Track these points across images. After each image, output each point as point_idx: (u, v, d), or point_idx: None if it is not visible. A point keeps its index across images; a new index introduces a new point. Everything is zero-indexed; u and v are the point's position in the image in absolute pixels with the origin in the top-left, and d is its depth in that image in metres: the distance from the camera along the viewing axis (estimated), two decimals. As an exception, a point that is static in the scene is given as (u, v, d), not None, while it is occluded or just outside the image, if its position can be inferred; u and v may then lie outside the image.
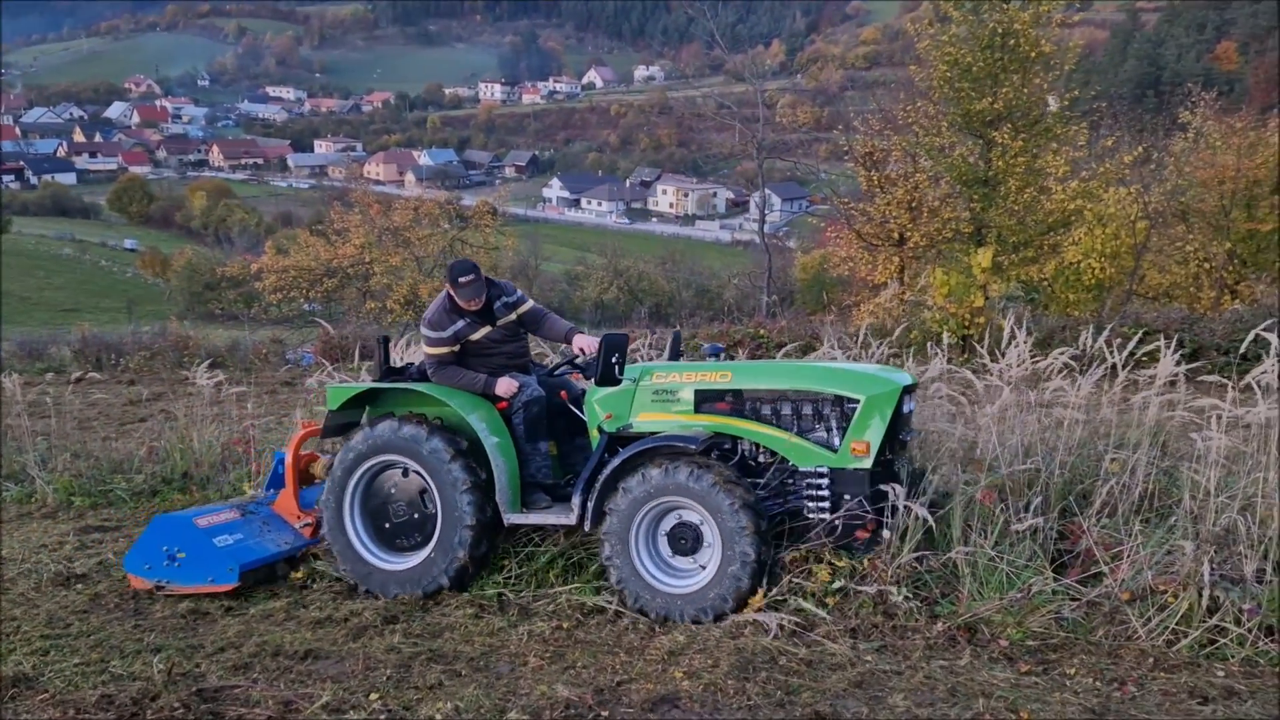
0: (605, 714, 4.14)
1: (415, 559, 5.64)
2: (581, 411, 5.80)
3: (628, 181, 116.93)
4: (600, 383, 5.41)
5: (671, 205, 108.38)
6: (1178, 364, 6.02)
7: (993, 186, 16.15)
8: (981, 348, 8.09)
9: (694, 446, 5.15)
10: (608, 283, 47.56)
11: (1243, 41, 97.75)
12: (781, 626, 4.86)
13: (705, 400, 5.45)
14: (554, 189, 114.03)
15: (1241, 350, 5.76)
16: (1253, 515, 4.81)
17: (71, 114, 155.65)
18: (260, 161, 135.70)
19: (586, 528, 5.37)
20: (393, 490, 5.75)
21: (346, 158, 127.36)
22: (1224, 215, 21.02)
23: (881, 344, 8.11)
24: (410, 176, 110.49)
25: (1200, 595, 4.49)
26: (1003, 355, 6.36)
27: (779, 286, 34.21)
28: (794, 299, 34.04)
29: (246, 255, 38.46)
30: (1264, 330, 5.63)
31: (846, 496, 5.13)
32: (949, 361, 7.35)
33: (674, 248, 59.91)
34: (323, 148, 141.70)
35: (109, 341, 19.35)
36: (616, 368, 5.39)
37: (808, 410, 5.34)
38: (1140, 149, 19.23)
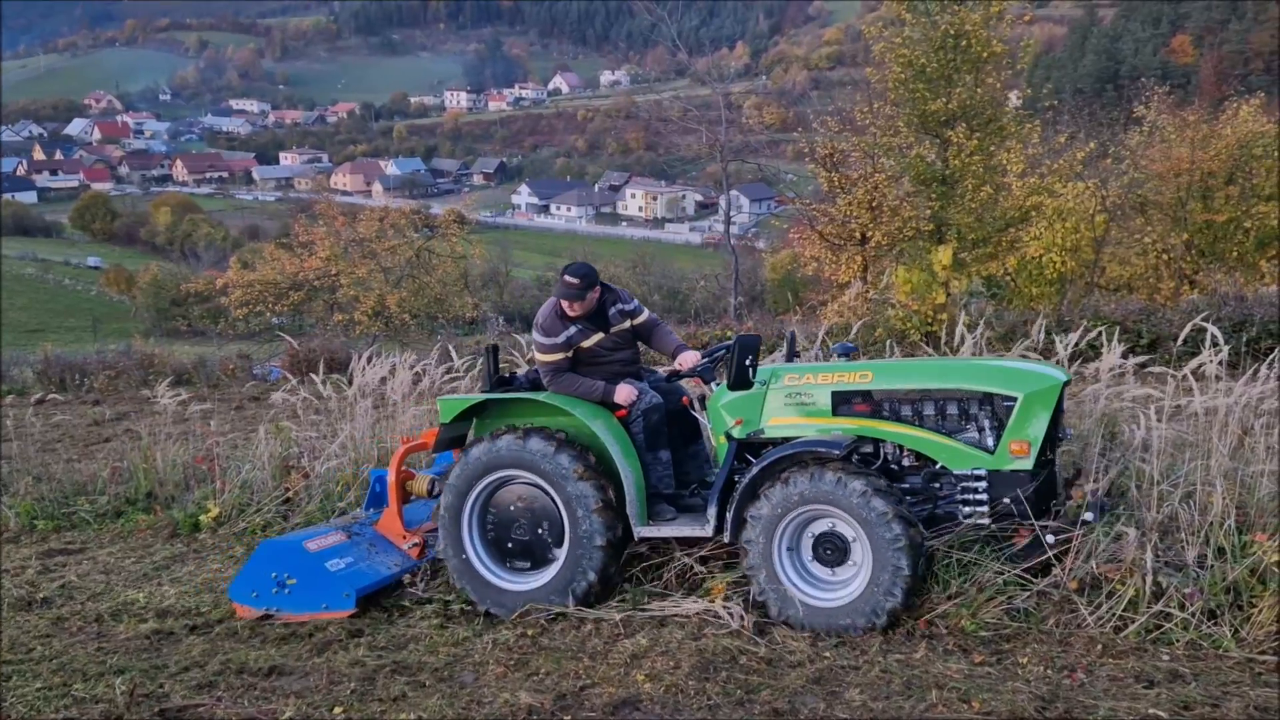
0: (567, 719, 4.19)
1: (539, 579, 5.42)
2: (705, 417, 5.59)
3: (596, 186, 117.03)
4: (734, 386, 5.15)
5: (641, 209, 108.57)
6: (1124, 355, 6.17)
7: (951, 185, 16.37)
8: (945, 344, 8.24)
9: (837, 452, 4.88)
10: (579, 288, 47.48)
11: (1197, 35, 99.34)
12: (743, 626, 4.93)
13: (842, 402, 5.19)
14: (523, 195, 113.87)
15: (1181, 341, 5.87)
16: (1194, 503, 4.94)
17: (31, 132, 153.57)
18: (225, 175, 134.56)
19: (726, 538, 5.13)
20: (514, 506, 5.48)
21: (312, 169, 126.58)
22: (1181, 207, 21.37)
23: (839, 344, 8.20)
24: (378, 186, 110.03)
25: (1145, 582, 4.61)
26: (956, 351, 6.49)
27: (748, 287, 34.40)
28: (764, 300, 34.21)
29: (212, 270, 38.18)
30: (1201, 321, 5.77)
31: (1006, 500, 4.88)
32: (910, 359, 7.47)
33: (644, 251, 59.99)
34: (288, 160, 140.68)
35: (72, 361, 19.13)
36: (750, 370, 5.14)
37: (952, 410, 5.08)
38: (1093, 145, 19.54)
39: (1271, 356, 5.94)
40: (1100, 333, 6.84)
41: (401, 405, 7.97)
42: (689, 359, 5.62)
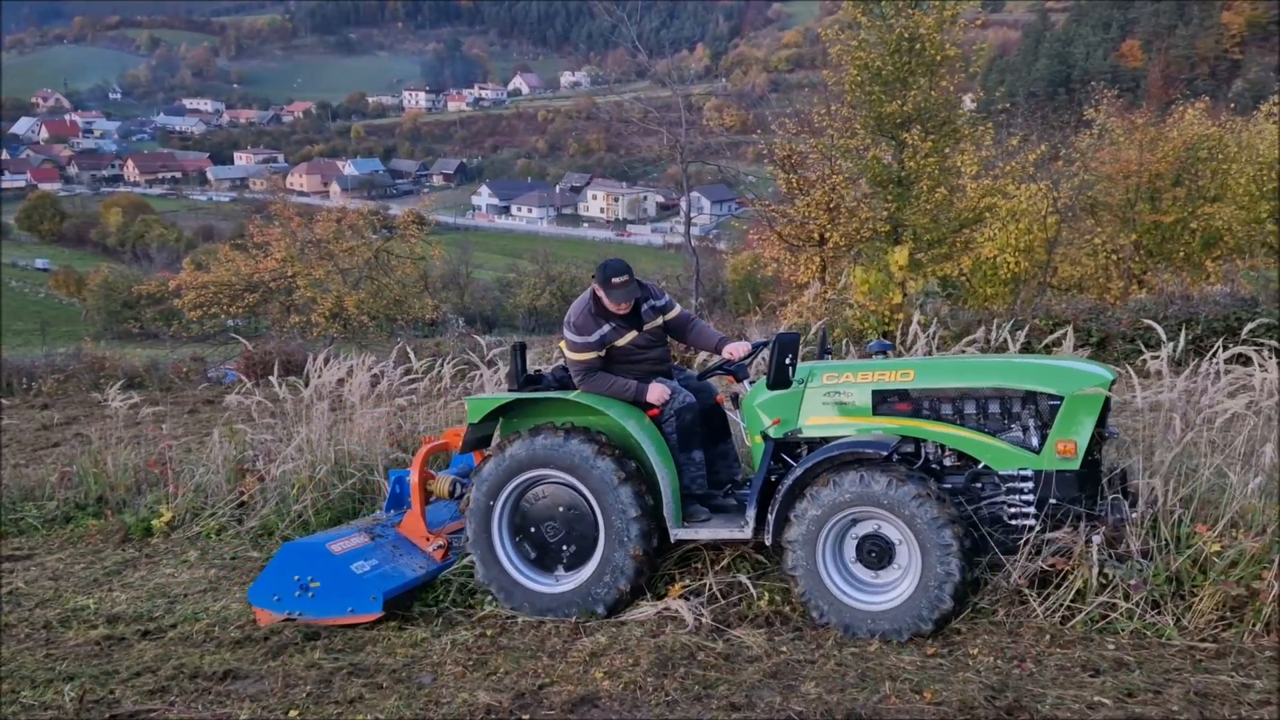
0: (525, 718, 4.20)
1: (571, 582, 5.31)
2: (739, 416, 5.49)
3: (557, 187, 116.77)
4: (773, 385, 5.04)
5: (602, 210, 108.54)
6: (1075, 349, 6.30)
7: (906, 186, 16.61)
8: (901, 343, 8.35)
9: (884, 453, 4.77)
10: (540, 289, 47.47)
11: (1146, 39, 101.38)
12: (700, 623, 4.98)
13: (882, 401, 5.10)
14: (483, 196, 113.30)
15: (1131, 338, 6.00)
16: (1139, 495, 5.06)
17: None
18: (178, 175, 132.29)
19: (767, 540, 5.04)
20: (546, 506, 5.36)
21: (268, 169, 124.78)
22: (1129, 208, 21.83)
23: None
24: (335, 187, 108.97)
25: (1092, 574, 4.71)
26: (909, 349, 6.59)
27: (709, 288, 34.54)
28: (725, 300, 34.36)
29: (165, 272, 37.54)
30: (1148, 320, 5.91)
31: (1052, 500, 4.81)
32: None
33: (606, 253, 60.00)
34: (243, 160, 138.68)
35: (20, 365, 18.72)
36: (790, 369, 5.03)
37: (995, 408, 4.99)
38: (1044, 147, 19.91)
39: (1213, 353, 6.09)
40: (1054, 327, 6.97)
41: (359, 408, 7.91)
42: (739, 349, 5.50)
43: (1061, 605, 4.73)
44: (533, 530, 5.39)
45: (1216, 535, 4.58)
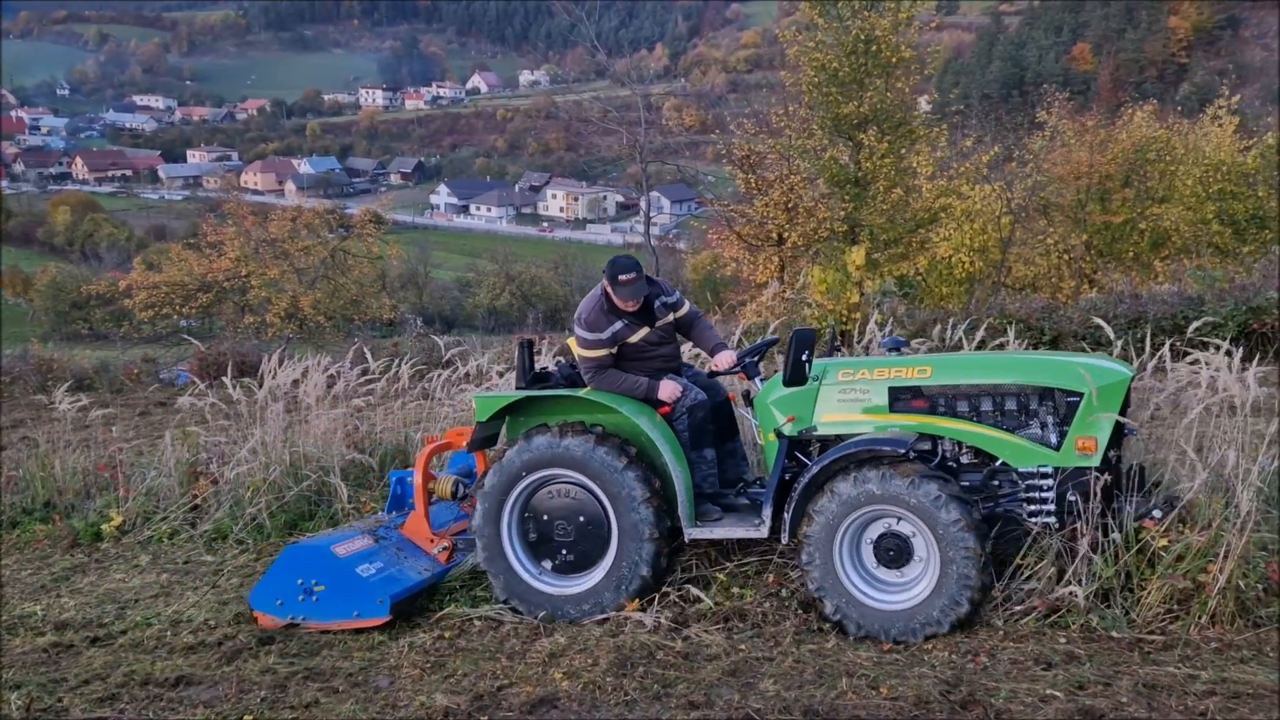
0: (484, 719, 4.18)
1: (589, 580, 5.24)
2: (751, 413, 5.45)
3: (517, 186, 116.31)
4: (789, 383, 4.97)
5: (562, 209, 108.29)
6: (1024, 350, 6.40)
7: (863, 187, 16.75)
8: (859, 342, 8.42)
9: (903, 450, 4.73)
10: (500, 289, 47.29)
11: (1096, 43, 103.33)
12: (659, 622, 4.98)
13: (899, 398, 5.03)
14: (442, 195, 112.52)
15: (1082, 336, 6.11)
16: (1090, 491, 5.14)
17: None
18: (129, 173, 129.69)
19: (784, 539, 4.99)
20: (555, 507, 5.30)
21: (222, 167, 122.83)
22: (1081, 209, 22.25)
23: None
24: (291, 185, 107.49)
25: (1045, 569, 4.78)
26: (865, 350, 6.66)
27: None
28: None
29: (115, 272, 36.81)
30: (1098, 318, 6.02)
31: (1072, 498, 4.76)
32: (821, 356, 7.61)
33: (566, 252, 59.92)
34: (196, 157, 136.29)
35: (-36, 368, 18.24)
36: (806, 366, 4.96)
37: (1011, 405, 4.92)
38: (998, 148, 20.22)
39: (1160, 351, 6.23)
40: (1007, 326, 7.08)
41: (315, 409, 7.82)
42: (725, 360, 5.47)
43: (1012, 599, 4.80)
44: (544, 533, 5.32)
45: (1164, 530, 4.67)
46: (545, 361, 8.05)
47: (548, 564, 5.35)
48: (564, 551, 5.31)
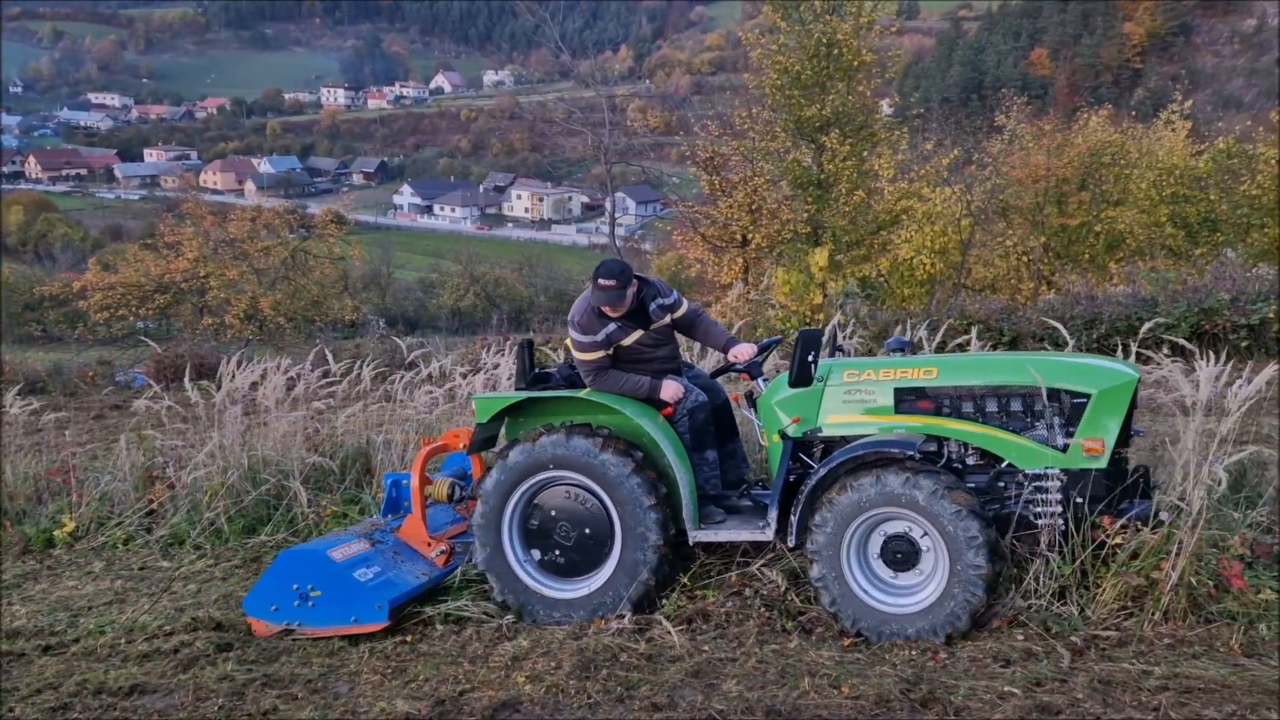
0: (445, 724, 4.15)
1: (590, 584, 5.17)
2: (755, 415, 5.38)
3: (481, 187, 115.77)
4: (795, 383, 4.92)
5: (527, 210, 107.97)
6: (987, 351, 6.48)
7: (826, 189, 16.91)
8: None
9: (911, 452, 4.69)
10: (464, 289, 46.99)
11: (1053, 48, 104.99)
12: (623, 625, 4.98)
13: (904, 399, 4.99)
14: (405, 195, 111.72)
15: (1040, 337, 6.20)
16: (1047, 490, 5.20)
17: None
18: (84, 172, 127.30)
19: (790, 543, 4.92)
20: (558, 510, 5.21)
21: (180, 167, 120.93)
22: (1038, 211, 22.60)
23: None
24: (251, 185, 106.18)
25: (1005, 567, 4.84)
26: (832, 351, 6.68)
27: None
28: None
29: (70, 272, 36.13)
30: (1054, 320, 6.11)
31: (1079, 499, 4.74)
32: (785, 357, 7.67)
33: (530, 253, 59.70)
34: (153, 156, 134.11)
35: (-89, 371, 17.80)
36: (813, 366, 4.92)
37: (1017, 406, 4.89)
38: (957, 151, 20.47)
39: (1117, 354, 6.34)
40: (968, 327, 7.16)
41: (274, 411, 7.73)
42: (744, 352, 5.40)
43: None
44: (546, 535, 5.24)
45: (1119, 528, 4.74)
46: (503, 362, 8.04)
47: (549, 567, 5.28)
48: (566, 554, 5.23)
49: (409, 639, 5.12)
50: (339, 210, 31.51)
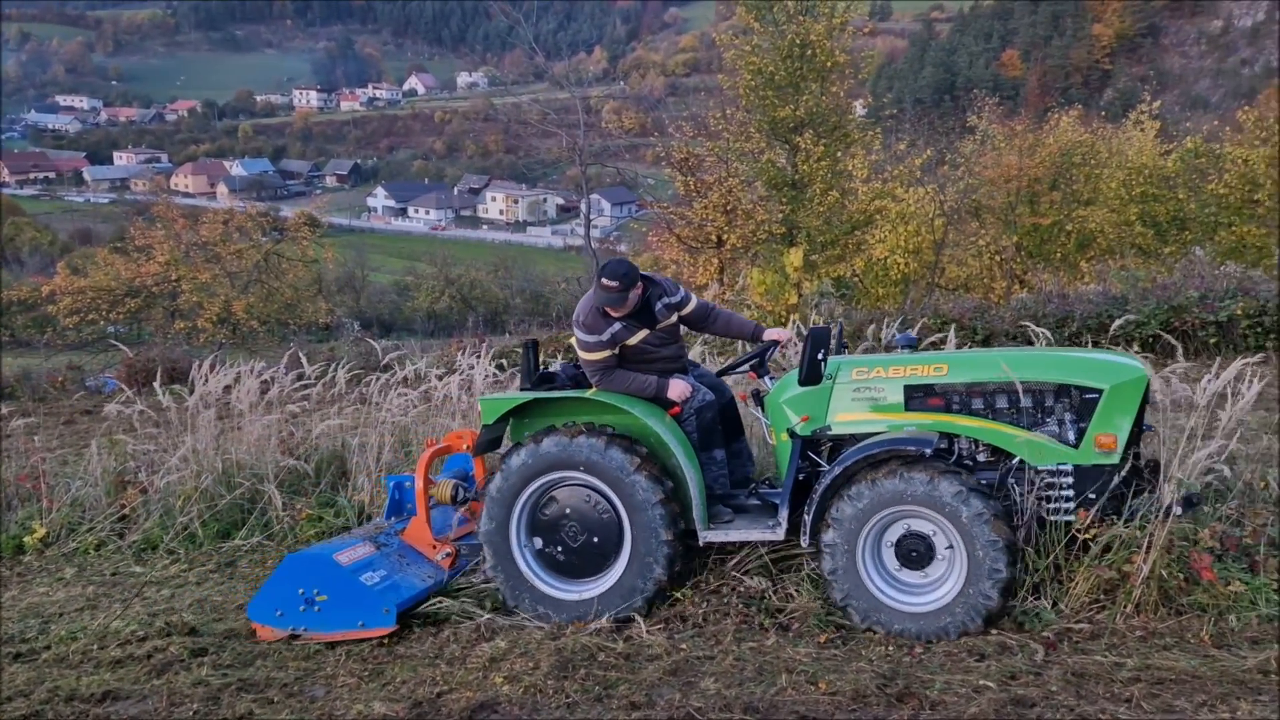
0: (423, 726, 4.13)
1: (601, 585, 5.10)
2: (762, 413, 5.32)
3: (455, 189, 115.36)
4: (805, 381, 4.85)
5: (502, 212, 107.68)
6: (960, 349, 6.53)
7: (800, 189, 17.00)
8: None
9: (927, 450, 4.64)
10: (439, 292, 46.79)
11: (1024, 49, 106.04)
12: (600, 624, 4.98)
13: (914, 396, 4.92)
14: (379, 198, 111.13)
15: (1013, 335, 6.25)
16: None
17: None
18: (52, 175, 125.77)
19: (803, 542, 4.84)
20: (566, 510, 5.13)
21: (150, 170, 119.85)
22: (1011, 211, 22.81)
23: (693, 343, 8.38)
24: (223, 188, 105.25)
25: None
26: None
27: (609, 291, 34.52)
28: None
29: (39, 277, 35.68)
30: (1027, 318, 6.17)
31: (1091, 495, 4.70)
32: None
33: (506, 254, 59.58)
34: (123, 159, 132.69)
35: (-124, 377, 17.52)
36: (822, 364, 4.85)
37: (1027, 402, 4.84)
38: (930, 152, 20.64)
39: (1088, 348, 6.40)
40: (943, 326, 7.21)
41: (248, 415, 7.67)
42: (780, 333, 5.39)
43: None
44: (554, 538, 5.17)
45: (1092, 521, 4.78)
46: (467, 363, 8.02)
47: (558, 568, 5.21)
48: (575, 555, 5.17)
49: (385, 641, 5.09)
50: (312, 213, 31.37)
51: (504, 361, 10.22)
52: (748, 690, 4.24)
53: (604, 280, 5.08)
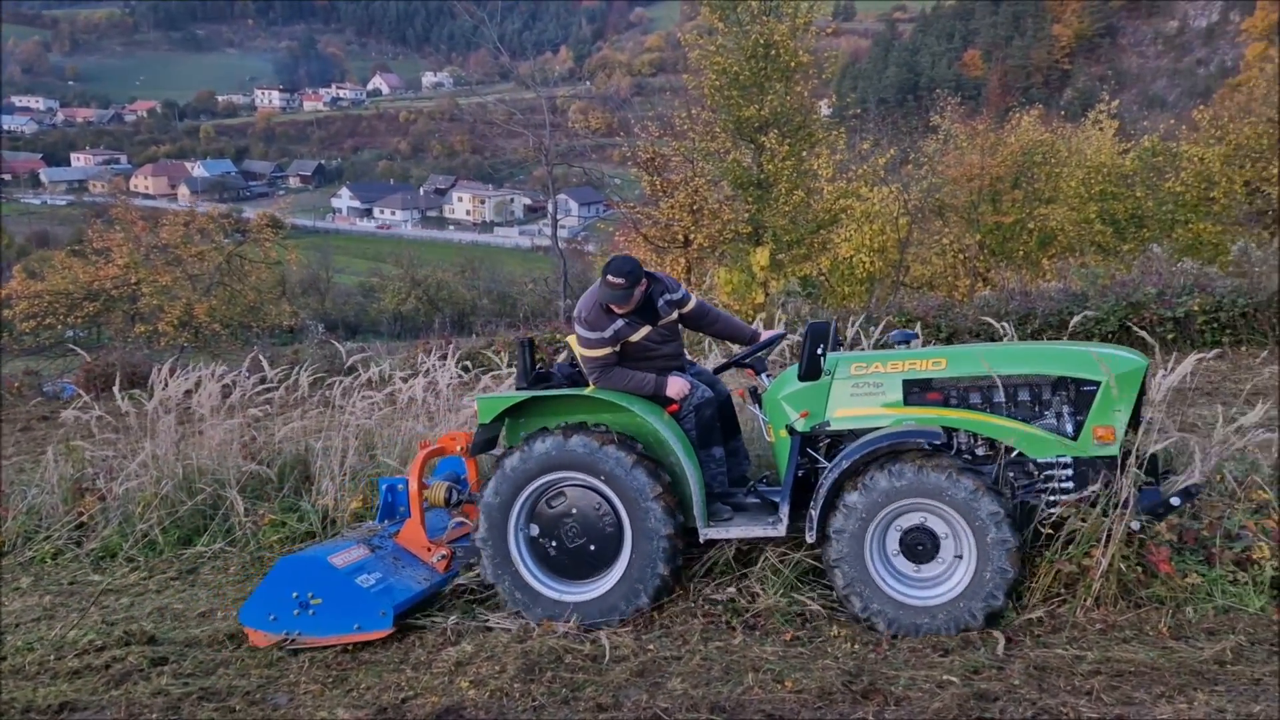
0: (388, 732, 4.10)
1: (603, 585, 5.07)
2: (760, 410, 5.31)
3: (421, 189, 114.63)
4: (804, 377, 4.88)
5: (469, 212, 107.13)
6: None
7: (766, 189, 17.07)
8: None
9: (937, 441, 4.68)
10: (405, 293, 46.45)
11: (986, 49, 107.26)
12: (567, 626, 4.97)
13: (912, 391, 4.95)
14: (344, 199, 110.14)
15: (976, 333, 6.31)
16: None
17: None
18: (8, 177, 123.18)
19: (810, 538, 4.80)
20: (564, 511, 5.09)
21: (109, 171, 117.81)
22: (973, 210, 23.07)
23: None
24: (184, 189, 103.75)
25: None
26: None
27: (578, 290, 34.55)
28: (593, 302, 34.43)
29: (-7, 281, 34.94)
30: (989, 316, 6.23)
31: (1092, 488, 4.73)
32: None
33: (473, 255, 59.28)
34: (81, 160, 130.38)
35: None
36: (821, 359, 4.87)
37: (1024, 396, 4.91)
38: (893, 151, 20.82)
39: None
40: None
41: (210, 419, 7.56)
42: (770, 335, 5.46)
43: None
44: (553, 540, 5.12)
45: (1061, 512, 4.81)
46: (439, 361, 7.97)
47: (558, 569, 5.17)
48: (575, 555, 5.12)
49: (350, 647, 5.05)
50: (275, 214, 31.03)
51: (469, 363, 10.17)
52: (714, 690, 4.25)
53: (610, 277, 5.04)
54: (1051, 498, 4.78)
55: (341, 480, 6.99)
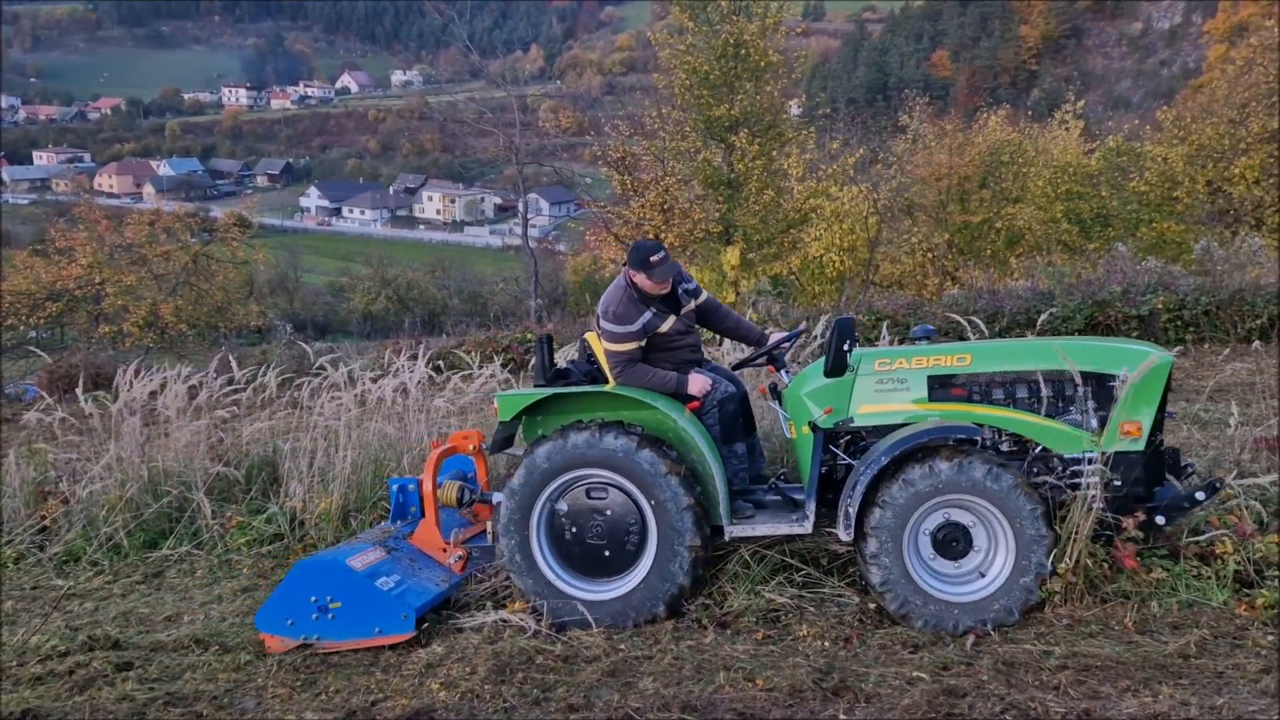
0: (357, 735, 4.07)
1: (623, 586, 4.99)
2: (780, 407, 5.26)
3: (391, 188, 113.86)
4: (830, 373, 4.85)
5: (439, 212, 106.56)
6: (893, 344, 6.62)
7: (736, 188, 17.12)
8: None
9: (979, 436, 4.68)
10: (375, 293, 46.14)
11: (954, 50, 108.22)
12: (539, 627, 4.95)
13: (937, 386, 4.94)
14: (312, 198, 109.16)
15: (945, 331, 6.35)
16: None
17: None
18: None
19: (845, 535, 4.73)
20: (588, 509, 5.00)
21: (73, 169, 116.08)
22: (942, 209, 23.27)
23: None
24: (149, 188, 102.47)
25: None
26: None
27: (550, 290, 34.53)
28: (565, 302, 34.40)
29: (-47, 281, 34.30)
30: (958, 314, 6.28)
31: (1117, 483, 4.73)
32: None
33: (443, 255, 58.94)
34: (44, 159, 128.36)
35: None
36: (848, 355, 4.84)
37: (1048, 391, 4.85)
38: (863, 151, 20.96)
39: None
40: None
41: (176, 421, 7.46)
42: (779, 337, 5.40)
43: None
44: (576, 536, 5.04)
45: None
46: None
47: (579, 568, 5.09)
48: (597, 555, 5.06)
49: (319, 651, 4.99)
50: (242, 213, 30.71)
51: (440, 363, 10.11)
52: (686, 689, 4.26)
53: (651, 258, 5.02)
54: (1077, 493, 4.73)
55: (310, 482, 6.92)
